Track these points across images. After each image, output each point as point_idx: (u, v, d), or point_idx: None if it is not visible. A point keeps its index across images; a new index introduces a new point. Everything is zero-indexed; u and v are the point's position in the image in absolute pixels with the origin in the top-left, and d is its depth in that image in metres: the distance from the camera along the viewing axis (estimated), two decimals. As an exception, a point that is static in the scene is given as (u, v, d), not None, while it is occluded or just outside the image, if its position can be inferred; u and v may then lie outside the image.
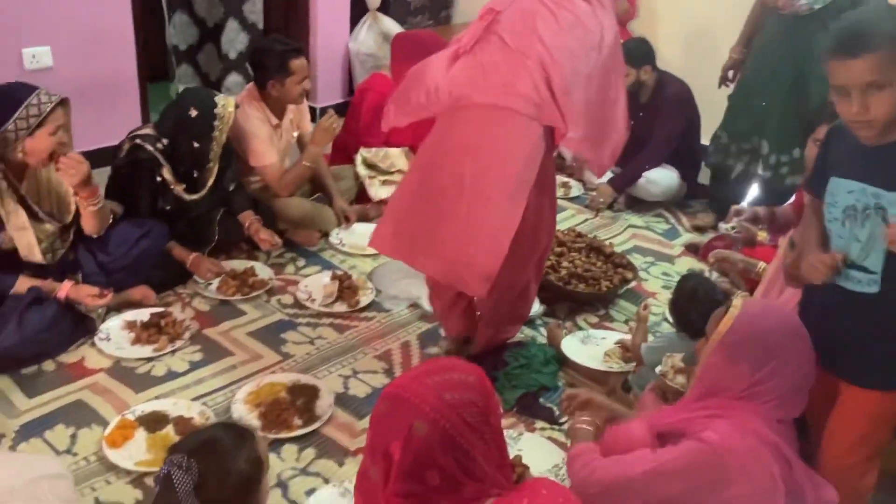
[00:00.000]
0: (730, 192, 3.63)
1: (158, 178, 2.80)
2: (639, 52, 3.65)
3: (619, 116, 2.28)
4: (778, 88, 3.42)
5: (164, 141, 2.81)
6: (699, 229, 3.75)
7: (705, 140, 3.84)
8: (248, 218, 3.12)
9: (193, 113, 2.80)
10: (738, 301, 1.70)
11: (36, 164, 2.42)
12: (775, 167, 3.56)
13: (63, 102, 2.40)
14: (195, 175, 2.89)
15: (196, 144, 2.83)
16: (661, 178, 3.88)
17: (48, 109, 2.34)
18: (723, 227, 3.59)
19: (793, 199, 3.47)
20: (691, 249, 3.56)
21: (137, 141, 2.79)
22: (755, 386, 1.62)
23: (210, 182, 2.92)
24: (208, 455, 1.40)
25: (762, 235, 3.12)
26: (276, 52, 3.08)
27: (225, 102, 2.86)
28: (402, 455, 1.21)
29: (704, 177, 4.25)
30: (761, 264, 2.91)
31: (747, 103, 3.53)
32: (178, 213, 2.93)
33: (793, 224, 2.73)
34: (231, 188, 3.09)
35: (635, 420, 1.85)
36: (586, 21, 2.14)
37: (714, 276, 3.31)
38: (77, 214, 2.57)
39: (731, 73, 3.67)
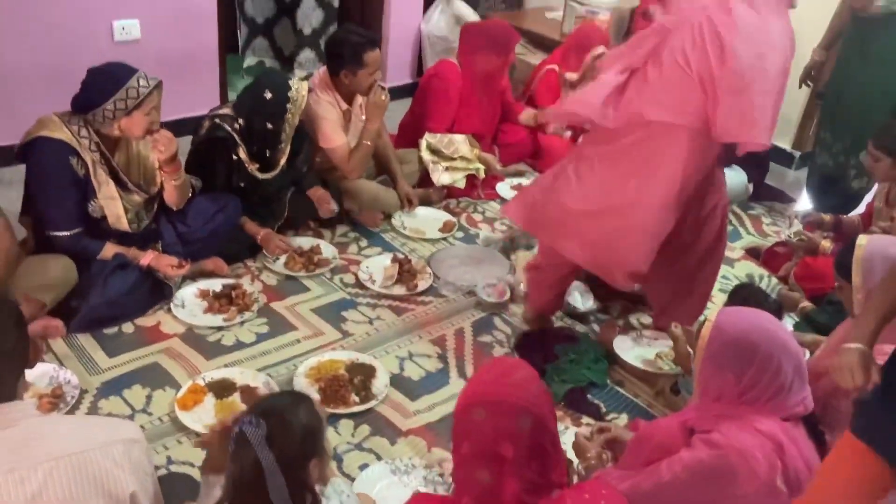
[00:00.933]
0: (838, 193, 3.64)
1: (234, 157, 2.92)
2: None
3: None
4: (856, 91, 3.40)
5: (241, 121, 2.92)
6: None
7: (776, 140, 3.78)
8: (318, 191, 3.23)
9: (268, 95, 2.88)
10: (711, 314, 1.73)
11: (129, 139, 2.56)
12: (844, 169, 3.52)
13: (158, 85, 2.51)
14: (268, 155, 2.99)
15: (269, 125, 2.91)
16: (728, 179, 3.82)
17: (146, 93, 2.45)
18: (785, 232, 3.57)
19: (863, 208, 3.41)
20: (752, 254, 3.52)
21: (216, 120, 2.91)
22: (746, 392, 1.63)
23: (282, 162, 3.02)
24: (273, 413, 1.49)
25: (825, 245, 3.08)
26: (352, 44, 3.13)
27: (298, 86, 2.93)
28: (516, 451, 1.30)
29: (771, 179, 4.20)
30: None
31: (834, 106, 3.57)
32: (251, 190, 3.04)
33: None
34: (304, 170, 3.20)
35: (668, 418, 1.88)
36: (758, 35, 2.17)
37: (773, 282, 3.30)
38: (161, 187, 2.71)
39: (812, 73, 3.66)
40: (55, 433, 1.37)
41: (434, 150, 3.68)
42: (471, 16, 4.81)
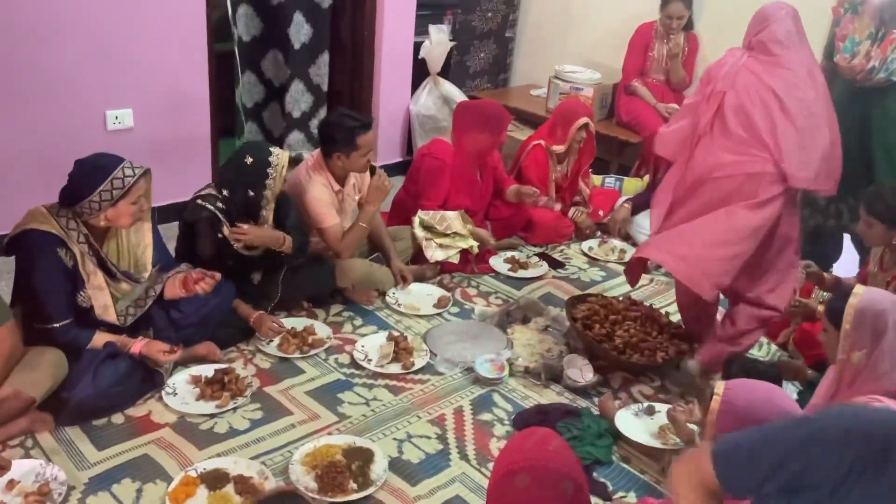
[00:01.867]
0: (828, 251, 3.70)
1: (220, 235, 2.92)
2: None
3: (837, 148, 2.69)
4: (857, 158, 3.41)
5: (224, 192, 2.93)
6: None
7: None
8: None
9: (249, 160, 2.91)
10: (719, 387, 1.77)
11: (117, 228, 2.55)
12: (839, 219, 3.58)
13: (146, 173, 2.53)
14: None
15: (251, 192, 2.92)
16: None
17: (132, 182, 2.46)
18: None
19: (857, 269, 3.43)
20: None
21: (199, 201, 2.93)
22: None
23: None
24: None
25: (822, 310, 3.06)
26: (346, 127, 3.17)
27: (279, 153, 2.95)
28: None
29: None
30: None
31: None
32: (240, 269, 3.03)
33: None
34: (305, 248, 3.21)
35: None
36: (802, 87, 2.60)
37: (772, 349, 3.27)
38: (154, 280, 2.70)
39: None
40: None
41: (427, 227, 3.70)
42: (458, 95, 4.93)
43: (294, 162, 4.26)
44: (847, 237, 3.87)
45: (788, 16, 2.63)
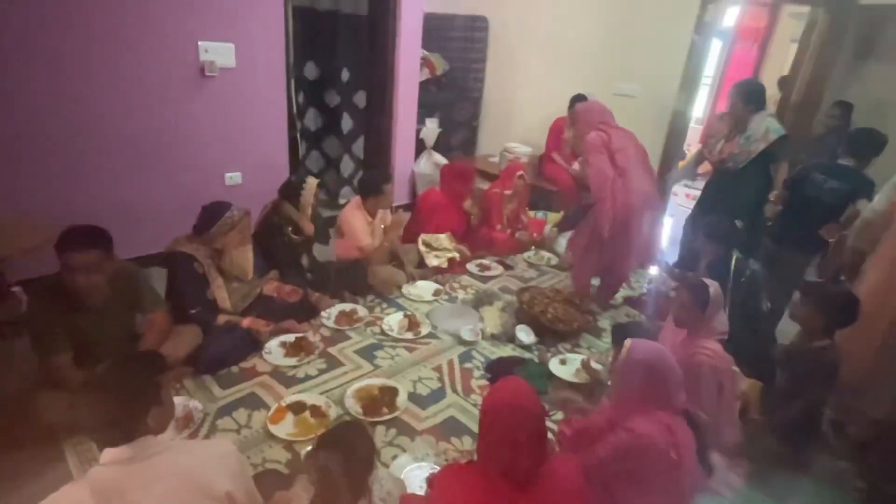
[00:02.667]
0: None
1: (281, 227, 2.92)
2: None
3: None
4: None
5: (286, 209, 2.95)
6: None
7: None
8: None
9: (292, 178, 2.99)
10: (627, 343, 1.71)
11: (229, 250, 2.52)
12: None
13: (246, 214, 2.50)
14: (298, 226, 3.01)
15: (296, 199, 2.96)
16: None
17: (237, 220, 2.45)
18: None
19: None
20: (631, 303, 3.48)
21: (270, 208, 2.97)
22: (647, 397, 1.62)
23: (308, 232, 3.03)
24: (344, 446, 1.40)
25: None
26: (376, 180, 3.20)
27: (310, 180, 3.01)
28: (528, 437, 1.35)
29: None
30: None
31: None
32: (295, 256, 3.00)
33: None
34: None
35: (598, 416, 1.85)
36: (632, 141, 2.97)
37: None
38: (255, 283, 2.67)
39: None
40: (174, 460, 1.28)
41: (426, 244, 3.69)
42: (444, 161, 4.92)
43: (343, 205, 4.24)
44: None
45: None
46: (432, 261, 3.61)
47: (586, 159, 2.91)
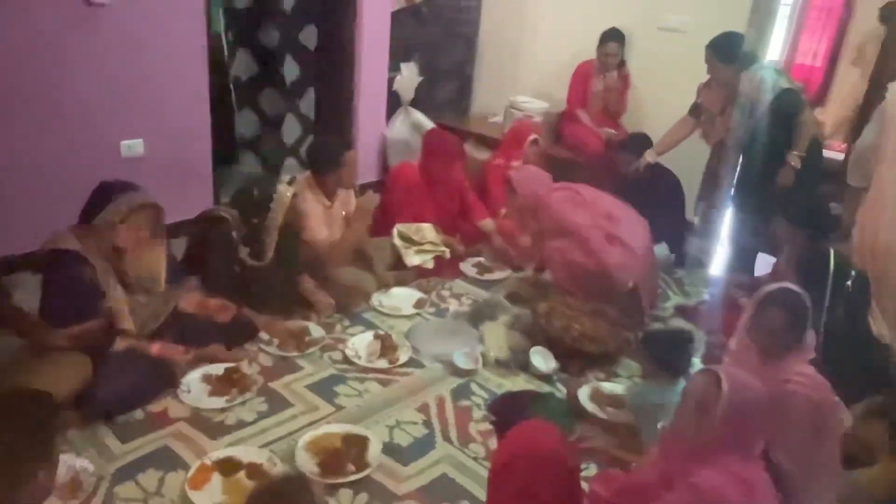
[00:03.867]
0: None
1: (229, 241, 2.89)
2: (644, 145, 3.78)
3: None
4: None
5: (234, 212, 2.92)
6: None
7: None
8: (305, 281, 3.16)
9: (255, 192, 2.92)
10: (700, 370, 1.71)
11: (131, 248, 2.47)
12: None
13: (147, 207, 2.45)
14: (257, 246, 2.97)
15: (255, 220, 2.92)
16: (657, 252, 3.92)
17: (132, 207, 2.39)
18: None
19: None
20: (680, 311, 3.56)
21: (214, 213, 2.91)
22: (716, 443, 1.61)
23: (269, 254, 2.98)
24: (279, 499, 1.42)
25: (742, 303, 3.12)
26: (332, 149, 3.19)
27: (283, 189, 2.95)
28: (554, 493, 1.42)
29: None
30: None
31: None
32: (247, 277, 2.98)
33: None
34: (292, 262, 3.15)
35: (644, 469, 1.85)
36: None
37: (700, 335, 3.33)
38: (169, 297, 2.65)
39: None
40: None
41: (405, 237, 3.68)
42: (427, 123, 4.91)
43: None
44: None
45: None
46: (413, 260, 3.61)
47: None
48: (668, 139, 3.87)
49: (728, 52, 3.36)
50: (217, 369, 2.69)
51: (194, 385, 2.62)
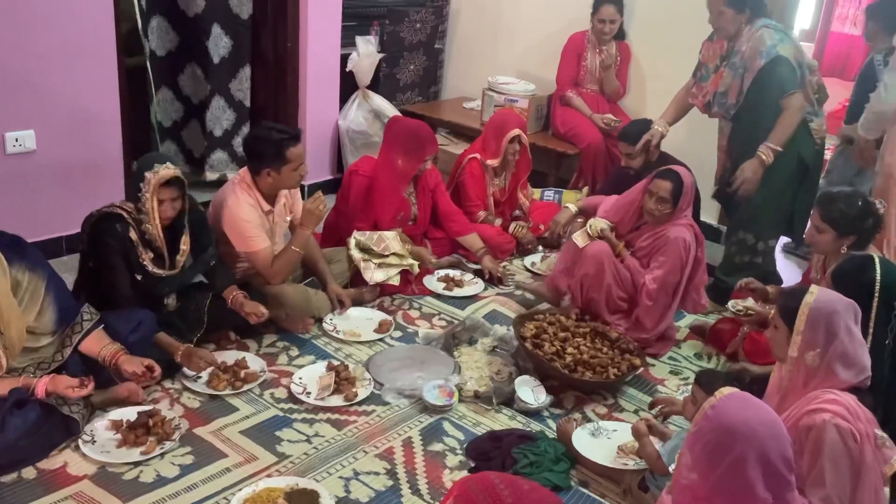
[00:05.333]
0: None
1: (129, 243, 2.80)
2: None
3: None
4: None
5: (132, 206, 2.83)
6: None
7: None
8: (232, 292, 3.10)
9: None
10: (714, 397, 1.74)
11: None
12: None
13: None
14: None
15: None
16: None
17: None
18: (731, 306, 3.63)
19: (799, 277, 3.53)
20: (697, 332, 3.58)
21: (105, 210, 2.84)
22: (734, 491, 1.65)
23: (181, 260, 2.93)
24: None
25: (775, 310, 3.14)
26: (273, 140, 3.11)
27: (160, 170, 2.76)
28: None
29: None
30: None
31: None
32: (157, 293, 2.93)
33: None
34: (212, 263, 3.10)
35: None
36: None
37: (720, 360, 3.34)
38: (61, 343, 2.60)
39: (652, 144, 3.80)
40: None
41: (364, 248, 3.64)
42: (390, 109, 4.91)
43: (218, 183, 4.16)
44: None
45: None
46: (374, 275, 3.59)
47: None
48: (675, 105, 3.85)
49: None
50: (128, 413, 2.62)
51: (100, 434, 2.55)
